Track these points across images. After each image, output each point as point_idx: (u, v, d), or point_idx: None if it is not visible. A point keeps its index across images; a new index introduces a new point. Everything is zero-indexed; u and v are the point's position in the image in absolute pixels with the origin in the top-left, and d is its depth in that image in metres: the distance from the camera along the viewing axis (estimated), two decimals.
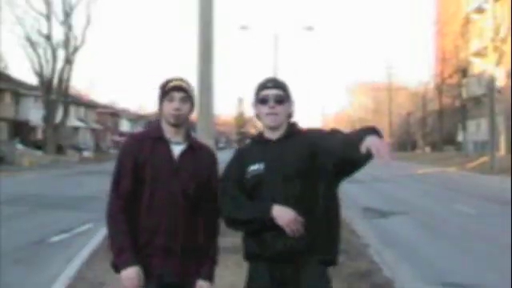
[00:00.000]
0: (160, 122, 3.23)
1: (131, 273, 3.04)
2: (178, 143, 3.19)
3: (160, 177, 3.11)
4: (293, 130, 3.05)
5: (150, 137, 3.21)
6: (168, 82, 3.19)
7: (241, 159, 3.08)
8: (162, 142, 3.17)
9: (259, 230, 2.92)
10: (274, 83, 3.03)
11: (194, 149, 3.23)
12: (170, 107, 3.14)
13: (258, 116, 3.09)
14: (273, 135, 3.02)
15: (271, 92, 2.99)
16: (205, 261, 3.22)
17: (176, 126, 3.17)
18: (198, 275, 3.20)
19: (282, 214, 2.83)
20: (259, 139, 3.10)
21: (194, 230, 3.18)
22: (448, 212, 14.60)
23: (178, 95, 3.15)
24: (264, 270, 2.95)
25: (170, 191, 3.11)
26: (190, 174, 3.15)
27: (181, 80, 3.21)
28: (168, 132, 3.19)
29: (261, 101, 3.01)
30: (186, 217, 3.13)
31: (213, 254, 3.28)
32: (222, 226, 3.26)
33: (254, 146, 3.11)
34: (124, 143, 3.28)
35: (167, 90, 3.16)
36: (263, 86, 3.03)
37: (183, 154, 3.18)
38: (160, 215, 3.10)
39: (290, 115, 3.07)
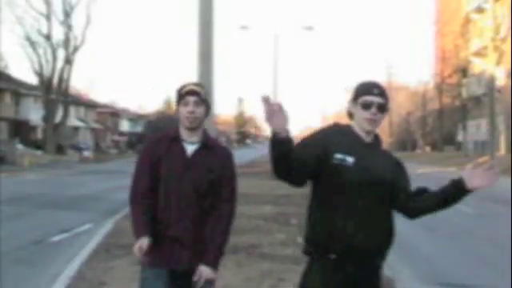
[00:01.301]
0: (178, 124, 3.43)
1: (141, 242, 3.23)
2: (192, 143, 3.39)
3: (173, 173, 3.32)
4: (378, 140, 3.15)
5: (167, 137, 3.43)
6: (183, 86, 3.38)
7: (327, 140, 3.03)
8: (177, 142, 3.39)
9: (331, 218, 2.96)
10: (379, 91, 3.05)
11: (208, 147, 3.41)
12: (184, 110, 3.34)
13: (351, 114, 3.11)
14: (365, 137, 3.07)
15: (376, 99, 3.02)
16: (210, 248, 3.34)
17: (191, 129, 3.36)
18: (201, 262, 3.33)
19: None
20: (348, 132, 3.10)
21: (205, 224, 3.36)
22: (448, 212, 14.53)
23: (192, 99, 3.33)
24: (326, 267, 2.96)
25: (182, 187, 3.31)
26: (201, 172, 3.33)
27: (195, 85, 3.43)
28: (184, 133, 3.40)
29: (363, 105, 3.03)
30: (198, 211, 3.33)
31: (220, 243, 3.38)
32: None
33: (341, 136, 3.07)
34: (144, 146, 3.54)
35: (182, 94, 3.35)
36: (368, 91, 3.03)
37: (196, 152, 3.37)
38: (172, 209, 3.33)
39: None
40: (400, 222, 3.37)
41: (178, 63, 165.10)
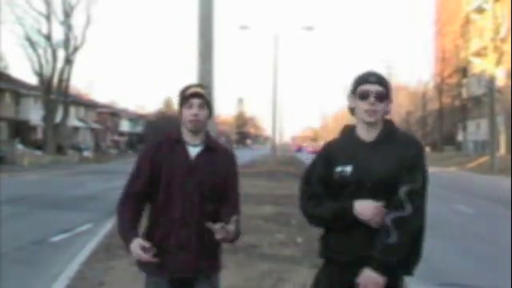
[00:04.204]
0: (180, 126, 3.33)
1: (135, 245, 3.07)
2: (195, 145, 3.29)
3: (175, 177, 3.21)
4: (388, 131, 2.92)
5: (169, 139, 3.33)
6: (187, 88, 3.29)
7: (329, 156, 2.94)
8: (179, 144, 3.29)
9: (344, 229, 2.85)
10: (377, 78, 2.87)
11: (211, 150, 3.31)
12: (188, 113, 3.24)
13: (351, 109, 2.95)
14: (368, 135, 2.90)
15: (373, 87, 2.84)
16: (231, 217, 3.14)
17: (194, 131, 3.28)
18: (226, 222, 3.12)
19: (364, 209, 2.76)
20: (350, 135, 2.95)
21: (208, 228, 3.18)
22: (448, 212, 14.59)
23: (196, 102, 3.24)
24: (336, 275, 2.89)
25: (185, 191, 3.20)
26: (205, 175, 3.23)
27: (199, 86, 3.33)
28: (187, 135, 3.30)
29: (360, 96, 2.87)
30: (201, 216, 3.19)
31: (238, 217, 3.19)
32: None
33: (344, 144, 2.94)
34: (144, 147, 3.43)
35: (186, 97, 3.25)
36: (365, 80, 2.88)
37: (199, 155, 3.27)
38: (175, 214, 3.21)
39: (386, 113, 2.93)
40: None
41: (177, 63, 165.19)
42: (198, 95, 3.25)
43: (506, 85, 42.34)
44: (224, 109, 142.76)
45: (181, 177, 3.20)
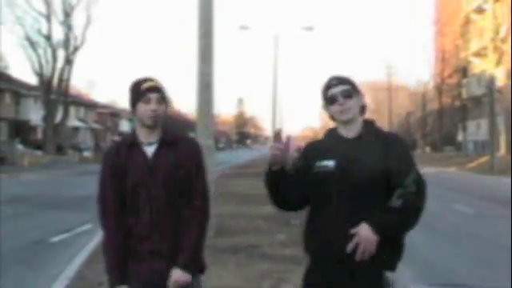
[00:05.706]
0: (135, 127, 3.17)
1: None
2: (151, 144, 3.12)
3: (139, 181, 3.07)
4: (369, 129, 2.98)
5: (124, 144, 3.18)
6: (141, 82, 3.10)
7: (308, 151, 3.02)
8: (135, 147, 3.13)
9: (320, 231, 2.87)
10: (338, 80, 2.97)
11: (169, 144, 3.13)
12: (146, 109, 3.05)
13: (331, 117, 3.02)
14: (348, 132, 2.95)
15: (337, 89, 2.93)
16: (184, 247, 3.06)
17: (152, 127, 3.10)
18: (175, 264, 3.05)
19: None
20: (331, 134, 3.02)
21: (179, 229, 3.09)
22: (448, 212, 14.59)
23: (154, 96, 3.05)
24: (321, 272, 2.92)
25: (149, 193, 3.06)
26: (166, 172, 3.07)
27: (154, 80, 3.13)
28: (142, 135, 3.13)
29: (330, 101, 2.95)
30: (171, 217, 3.07)
31: (194, 242, 3.08)
32: (218, 227, 3.22)
33: (326, 142, 3.02)
34: (103, 155, 3.24)
35: (142, 91, 3.06)
36: (328, 86, 2.97)
37: (156, 153, 3.10)
38: (144, 220, 3.07)
39: (363, 109, 3.01)
40: None
41: (177, 63, 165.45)
42: (156, 89, 3.07)
43: (505, 85, 42.31)
44: (224, 109, 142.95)
45: (143, 179, 3.06)
